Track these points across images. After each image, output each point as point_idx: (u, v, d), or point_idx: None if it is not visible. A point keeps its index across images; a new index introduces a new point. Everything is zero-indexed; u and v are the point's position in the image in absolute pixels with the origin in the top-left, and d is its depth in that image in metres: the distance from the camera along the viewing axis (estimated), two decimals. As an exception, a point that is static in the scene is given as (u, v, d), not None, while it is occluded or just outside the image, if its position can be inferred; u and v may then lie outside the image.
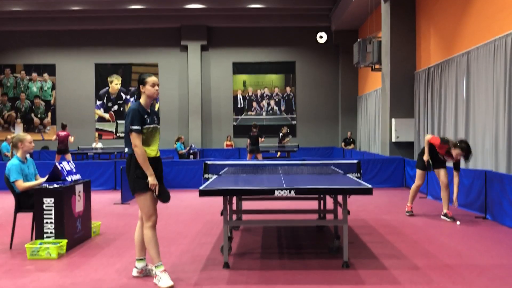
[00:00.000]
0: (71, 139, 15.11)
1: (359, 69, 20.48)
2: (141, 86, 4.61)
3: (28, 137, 6.29)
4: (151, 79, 4.61)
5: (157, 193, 4.52)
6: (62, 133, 15.18)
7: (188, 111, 22.39)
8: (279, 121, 22.88)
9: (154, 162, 4.61)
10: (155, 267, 4.55)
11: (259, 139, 15.46)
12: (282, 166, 7.85)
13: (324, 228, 7.02)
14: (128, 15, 21.56)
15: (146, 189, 4.51)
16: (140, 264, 4.80)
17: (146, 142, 4.56)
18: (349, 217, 7.75)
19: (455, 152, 7.42)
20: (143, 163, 4.45)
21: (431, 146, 7.72)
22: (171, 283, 4.45)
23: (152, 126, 4.59)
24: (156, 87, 4.63)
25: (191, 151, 19.46)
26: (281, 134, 19.23)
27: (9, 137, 16.37)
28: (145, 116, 4.55)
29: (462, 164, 10.45)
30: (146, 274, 4.80)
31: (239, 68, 22.92)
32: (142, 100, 4.64)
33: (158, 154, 4.68)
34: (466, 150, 7.34)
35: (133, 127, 4.45)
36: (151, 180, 4.47)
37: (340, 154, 20.22)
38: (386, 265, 5.10)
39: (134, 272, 4.82)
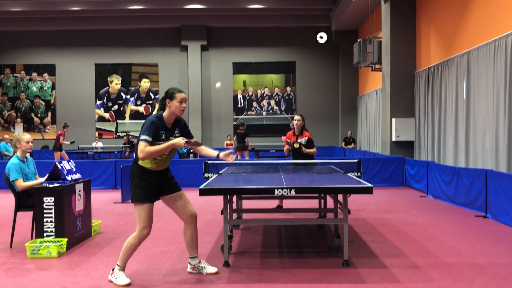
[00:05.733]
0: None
1: (359, 69, 20.48)
2: (168, 100, 4.45)
3: (26, 136, 6.25)
4: (180, 95, 4.45)
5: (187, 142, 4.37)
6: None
7: (188, 111, 22.38)
8: (279, 120, 22.89)
9: (157, 175, 4.51)
10: (117, 265, 4.57)
11: (246, 138, 16.40)
12: (282, 165, 7.85)
13: (324, 227, 7.02)
14: (128, 15, 21.56)
15: (144, 200, 4.43)
16: (193, 261, 4.84)
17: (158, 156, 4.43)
18: (350, 216, 7.75)
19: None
20: (156, 151, 4.31)
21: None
22: (128, 280, 4.48)
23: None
24: (184, 104, 4.46)
25: (191, 150, 19.40)
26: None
27: (6, 136, 16.65)
28: (161, 132, 4.43)
29: (462, 164, 10.48)
30: (199, 271, 4.82)
31: (239, 68, 22.92)
32: (165, 114, 4.50)
33: (165, 167, 4.59)
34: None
35: (142, 136, 4.32)
36: (176, 140, 4.35)
37: (341, 153, 20.22)
38: (386, 263, 5.10)
39: (188, 268, 4.87)
